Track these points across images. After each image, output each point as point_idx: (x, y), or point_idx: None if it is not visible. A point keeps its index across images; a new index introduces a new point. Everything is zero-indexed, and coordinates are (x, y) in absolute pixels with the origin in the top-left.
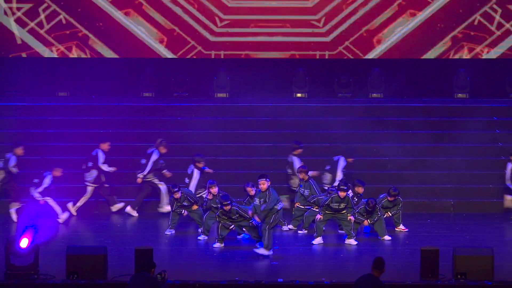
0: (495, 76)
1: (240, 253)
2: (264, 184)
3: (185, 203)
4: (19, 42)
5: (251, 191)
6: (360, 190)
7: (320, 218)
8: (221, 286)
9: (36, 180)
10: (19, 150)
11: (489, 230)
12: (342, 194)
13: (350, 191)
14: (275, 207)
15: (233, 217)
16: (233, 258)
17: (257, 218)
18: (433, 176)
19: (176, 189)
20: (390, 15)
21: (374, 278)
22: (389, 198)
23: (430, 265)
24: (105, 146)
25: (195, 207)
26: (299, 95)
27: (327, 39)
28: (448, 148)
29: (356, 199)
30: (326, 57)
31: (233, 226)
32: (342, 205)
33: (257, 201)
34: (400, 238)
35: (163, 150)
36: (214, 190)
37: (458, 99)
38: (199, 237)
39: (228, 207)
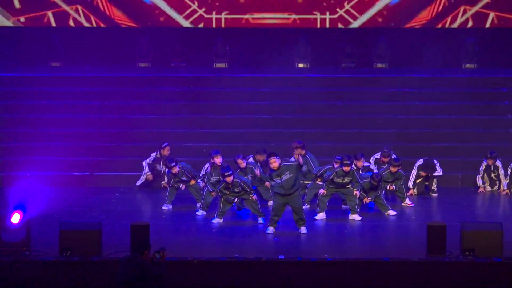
0: (504, 45)
1: (240, 229)
2: (275, 163)
3: (183, 178)
4: (17, 6)
5: (242, 163)
6: (359, 164)
7: (324, 192)
8: (220, 263)
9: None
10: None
11: (498, 205)
12: (346, 168)
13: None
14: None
15: (236, 190)
16: (233, 234)
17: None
18: (441, 148)
19: (173, 164)
20: None
21: None
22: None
23: (437, 241)
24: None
25: (193, 182)
26: (301, 65)
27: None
28: (455, 120)
29: (361, 173)
30: (327, 20)
31: (236, 199)
32: (347, 179)
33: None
34: (406, 214)
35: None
36: (219, 160)
37: (466, 69)
38: (197, 212)
39: (230, 178)
